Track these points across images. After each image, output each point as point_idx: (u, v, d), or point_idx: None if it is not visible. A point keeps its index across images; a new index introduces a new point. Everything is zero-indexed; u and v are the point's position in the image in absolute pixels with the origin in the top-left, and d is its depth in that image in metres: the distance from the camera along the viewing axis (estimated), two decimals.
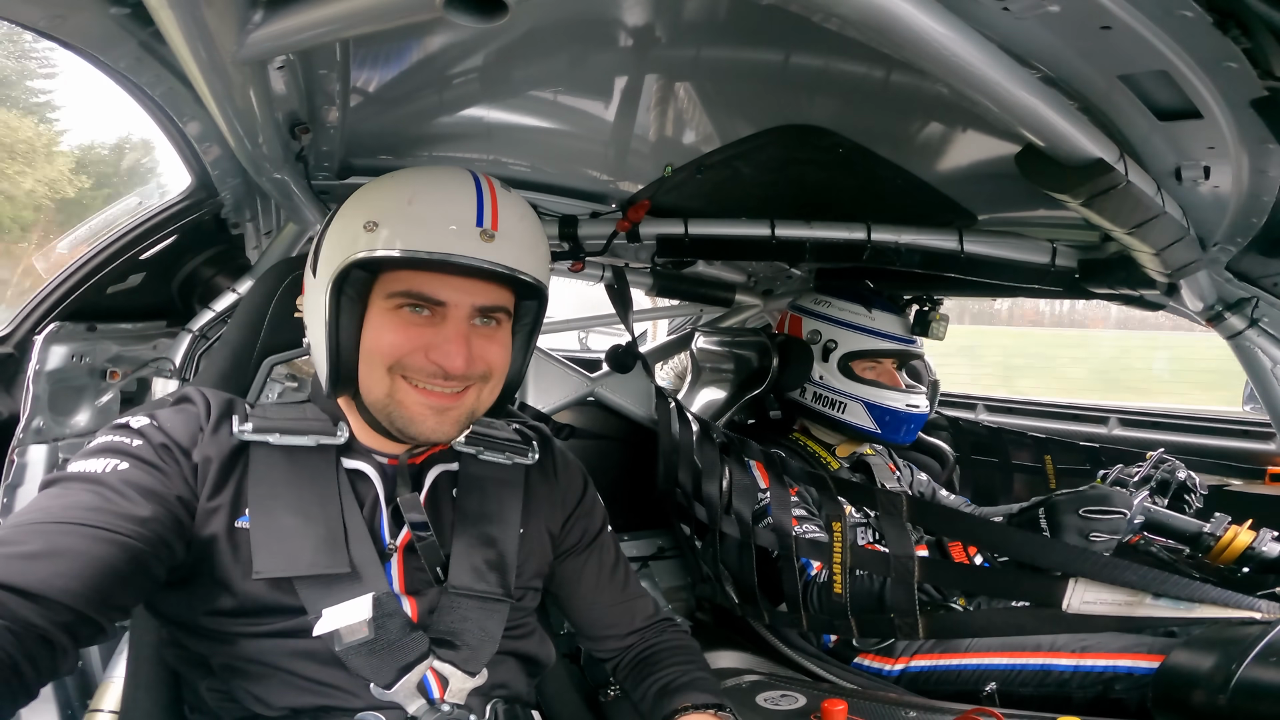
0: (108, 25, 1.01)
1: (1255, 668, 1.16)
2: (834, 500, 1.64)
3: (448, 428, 1.00)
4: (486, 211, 0.94)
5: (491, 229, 0.93)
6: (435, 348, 0.95)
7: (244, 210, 1.61)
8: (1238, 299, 1.60)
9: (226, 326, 1.31)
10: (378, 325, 0.96)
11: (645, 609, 1.27)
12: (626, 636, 1.25)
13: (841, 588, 1.58)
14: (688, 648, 1.25)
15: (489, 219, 0.93)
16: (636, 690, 1.20)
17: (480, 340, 0.99)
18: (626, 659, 1.24)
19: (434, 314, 0.97)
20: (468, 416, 1.02)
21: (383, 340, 0.96)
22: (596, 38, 1.22)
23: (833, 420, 2.01)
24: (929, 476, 2.26)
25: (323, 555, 0.94)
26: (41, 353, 1.38)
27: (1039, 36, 0.88)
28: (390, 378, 0.97)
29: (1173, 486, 1.79)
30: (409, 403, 0.97)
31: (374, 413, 0.99)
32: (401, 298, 0.95)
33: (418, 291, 0.95)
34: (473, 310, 0.98)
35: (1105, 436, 2.45)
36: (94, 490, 0.86)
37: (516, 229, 0.96)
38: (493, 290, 0.99)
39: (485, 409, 1.05)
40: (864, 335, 2.00)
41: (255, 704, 0.95)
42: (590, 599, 1.24)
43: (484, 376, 1.01)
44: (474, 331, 0.98)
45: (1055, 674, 1.52)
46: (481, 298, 0.98)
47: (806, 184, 1.68)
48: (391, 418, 0.98)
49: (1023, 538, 1.44)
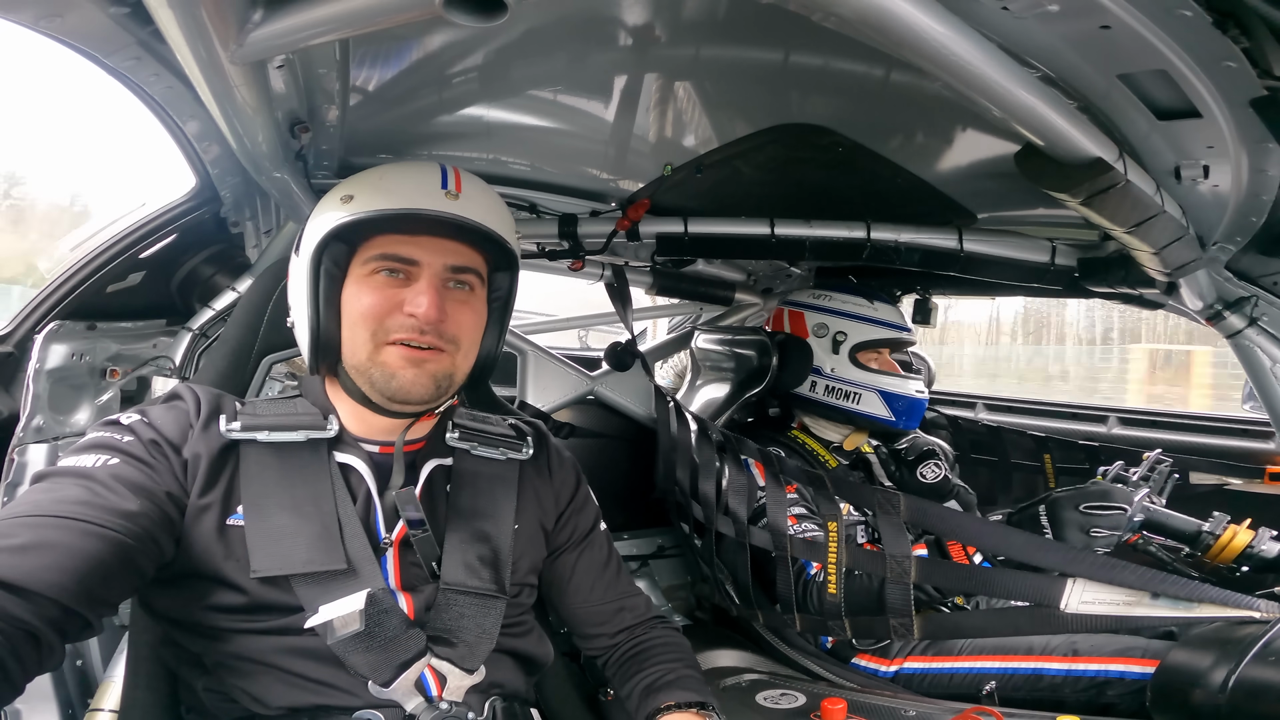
0: (107, 24, 1.01)
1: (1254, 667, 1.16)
2: (830, 500, 1.64)
3: (425, 380, 1.02)
4: (450, 179, 1.03)
5: (455, 191, 1.02)
6: (408, 301, 1.00)
7: (243, 209, 1.60)
8: (1237, 298, 1.60)
9: (226, 325, 1.31)
10: (356, 292, 1.02)
11: (636, 607, 1.27)
12: (616, 634, 1.25)
13: (836, 588, 1.58)
14: (676, 645, 1.24)
15: (452, 184, 1.02)
16: (624, 688, 1.21)
17: (452, 304, 1.03)
18: (615, 656, 1.24)
19: (408, 275, 1.02)
20: (446, 377, 1.04)
21: (361, 303, 1.01)
22: (596, 37, 1.22)
23: (846, 412, 2.02)
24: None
25: (318, 552, 0.95)
26: (41, 351, 1.38)
27: (1038, 36, 0.88)
28: (374, 342, 1.01)
29: (1169, 487, 1.79)
30: (389, 360, 1.01)
31: (356, 379, 1.03)
32: (376, 262, 1.02)
33: (391, 253, 1.02)
34: (444, 269, 1.03)
35: (1104, 435, 2.45)
36: (83, 485, 0.86)
37: (480, 195, 1.05)
38: (463, 250, 1.04)
39: (462, 375, 1.08)
40: (871, 325, 2.03)
41: (253, 703, 0.95)
42: (581, 596, 1.24)
43: (454, 340, 1.04)
44: (448, 294, 1.03)
45: (1048, 678, 1.52)
46: (452, 257, 1.03)
47: (806, 183, 1.68)
48: (371, 377, 1.01)
49: (1020, 537, 1.44)
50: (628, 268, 2.20)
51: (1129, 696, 1.42)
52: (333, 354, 1.03)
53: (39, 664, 0.77)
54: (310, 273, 1.01)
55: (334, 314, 1.02)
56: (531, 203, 1.79)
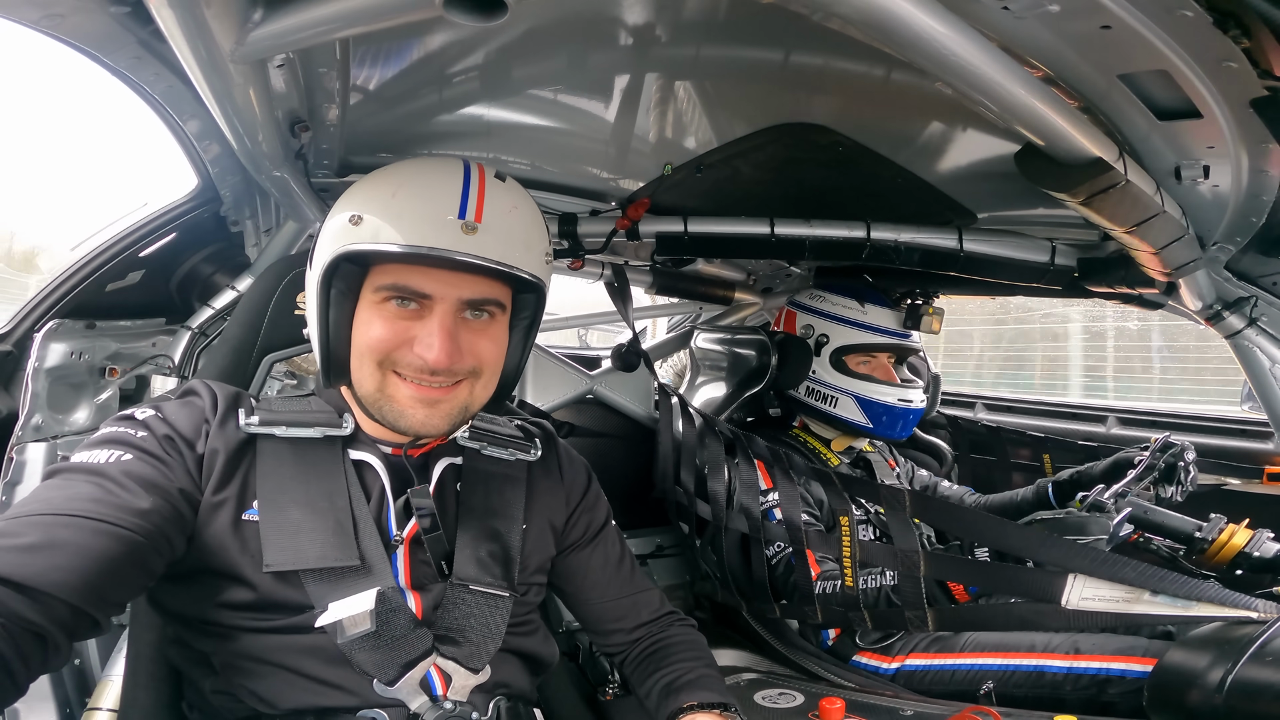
0: (108, 24, 1.01)
1: (1251, 667, 1.15)
2: (840, 495, 1.65)
3: (438, 421, 0.99)
4: (471, 203, 0.93)
5: (474, 221, 0.92)
6: (419, 341, 0.95)
7: (243, 208, 1.60)
8: (1236, 298, 1.60)
9: (226, 324, 1.31)
10: (366, 319, 0.97)
11: (651, 602, 1.27)
12: (633, 630, 1.25)
13: (853, 580, 1.59)
14: (695, 643, 1.25)
15: (472, 211, 0.92)
16: (642, 686, 1.20)
17: (470, 334, 0.98)
18: (633, 653, 1.24)
19: (421, 307, 0.96)
20: (460, 411, 1.01)
21: (370, 333, 0.96)
22: (596, 36, 1.22)
23: (826, 415, 2.02)
24: (929, 472, 2.27)
25: (332, 548, 0.94)
26: (41, 350, 1.38)
27: (1039, 36, 0.88)
28: (381, 372, 0.97)
29: (1178, 474, 1.77)
30: (399, 396, 0.97)
31: (367, 408, 1.00)
32: (388, 291, 0.95)
33: (403, 285, 0.95)
34: (460, 303, 0.97)
35: (1103, 435, 2.45)
36: (95, 482, 0.85)
37: (503, 222, 0.94)
38: (481, 283, 0.97)
39: (480, 404, 1.04)
40: (855, 329, 2.01)
41: (259, 704, 0.95)
42: (596, 593, 1.24)
43: (474, 371, 1.00)
44: (463, 325, 0.98)
45: (1049, 676, 1.53)
46: (468, 291, 0.96)
47: (806, 182, 1.68)
48: (382, 411, 0.98)
49: (1022, 533, 1.45)
50: (628, 267, 2.20)
51: (1129, 695, 1.42)
52: (344, 376, 1.00)
53: (44, 664, 0.76)
54: (320, 292, 0.96)
55: (344, 337, 0.97)
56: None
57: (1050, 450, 2.45)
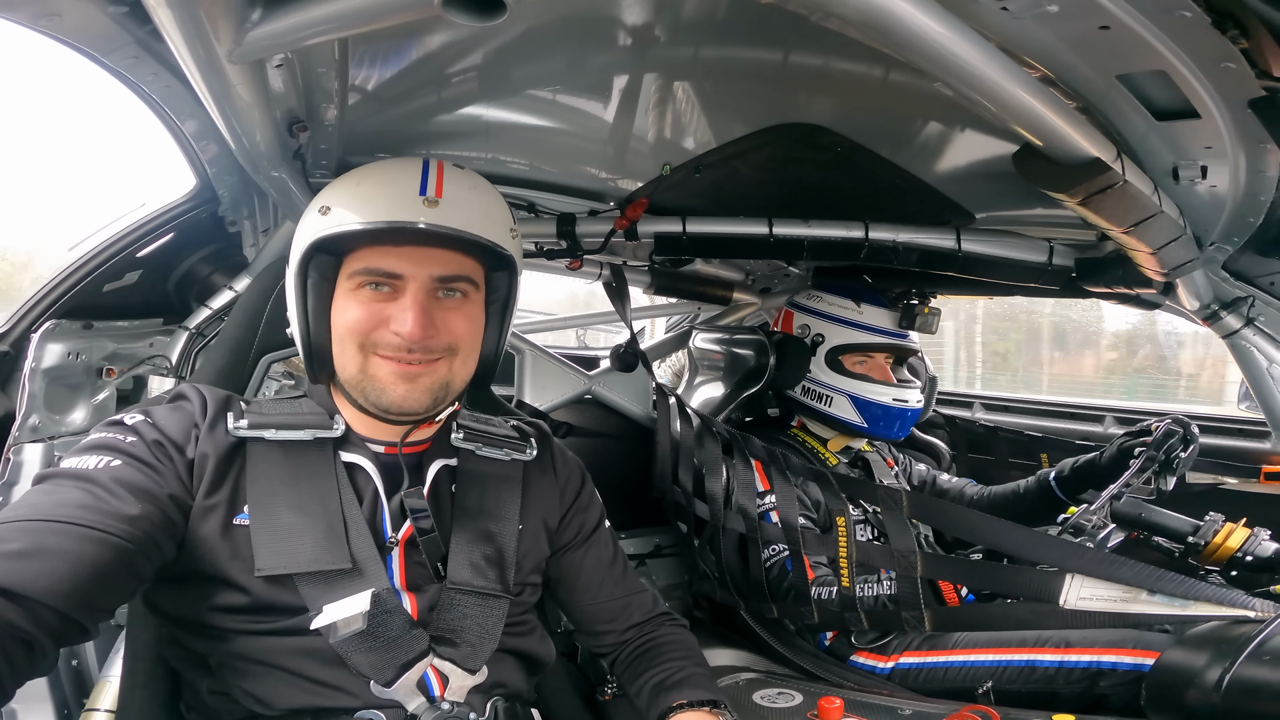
0: (105, 23, 1.01)
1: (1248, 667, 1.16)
2: (837, 496, 1.65)
3: (419, 395, 1.00)
4: (430, 182, 0.98)
5: (435, 196, 0.97)
6: (394, 319, 0.98)
7: (241, 208, 1.60)
8: (1234, 298, 1.61)
9: (225, 324, 1.31)
10: (343, 306, 1.00)
11: (643, 604, 1.27)
12: (625, 631, 1.25)
13: (849, 580, 1.59)
14: (685, 642, 1.25)
15: (432, 188, 0.97)
16: (633, 685, 1.20)
17: (443, 312, 1.01)
18: (624, 654, 1.24)
19: (394, 289, 0.99)
20: (441, 387, 1.02)
21: (348, 317, 0.99)
22: (595, 36, 1.22)
23: (822, 414, 2.02)
24: (927, 466, 2.27)
25: (323, 551, 0.94)
26: (37, 350, 1.38)
27: (1037, 36, 0.89)
28: (363, 354, 0.99)
29: (1177, 463, 1.74)
30: (380, 374, 0.99)
31: (350, 391, 1.02)
32: (362, 276, 0.99)
33: (374, 267, 0.98)
34: (431, 281, 1.00)
35: (1101, 435, 2.46)
36: (84, 488, 0.85)
37: (463, 196, 0.99)
38: (449, 258, 1.00)
39: (462, 382, 1.06)
40: (850, 329, 2.01)
41: (256, 704, 0.95)
42: (588, 594, 1.24)
43: (450, 349, 1.02)
44: (437, 304, 1.00)
45: (1041, 670, 1.53)
46: (438, 267, 1.00)
47: (804, 183, 1.68)
48: (365, 391, 1.00)
49: (1021, 533, 1.45)
50: (626, 267, 2.20)
51: (1122, 688, 1.42)
52: (327, 365, 1.02)
53: (30, 670, 0.76)
54: (298, 285, 1.00)
55: (324, 326, 1.00)
56: (530, 202, 1.79)
57: (1047, 449, 2.45)
